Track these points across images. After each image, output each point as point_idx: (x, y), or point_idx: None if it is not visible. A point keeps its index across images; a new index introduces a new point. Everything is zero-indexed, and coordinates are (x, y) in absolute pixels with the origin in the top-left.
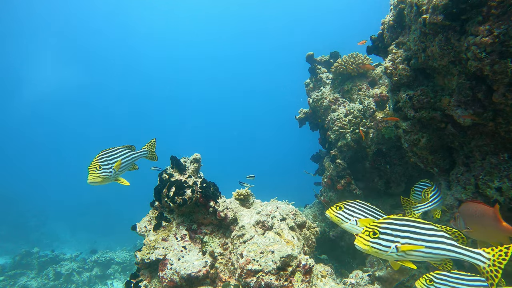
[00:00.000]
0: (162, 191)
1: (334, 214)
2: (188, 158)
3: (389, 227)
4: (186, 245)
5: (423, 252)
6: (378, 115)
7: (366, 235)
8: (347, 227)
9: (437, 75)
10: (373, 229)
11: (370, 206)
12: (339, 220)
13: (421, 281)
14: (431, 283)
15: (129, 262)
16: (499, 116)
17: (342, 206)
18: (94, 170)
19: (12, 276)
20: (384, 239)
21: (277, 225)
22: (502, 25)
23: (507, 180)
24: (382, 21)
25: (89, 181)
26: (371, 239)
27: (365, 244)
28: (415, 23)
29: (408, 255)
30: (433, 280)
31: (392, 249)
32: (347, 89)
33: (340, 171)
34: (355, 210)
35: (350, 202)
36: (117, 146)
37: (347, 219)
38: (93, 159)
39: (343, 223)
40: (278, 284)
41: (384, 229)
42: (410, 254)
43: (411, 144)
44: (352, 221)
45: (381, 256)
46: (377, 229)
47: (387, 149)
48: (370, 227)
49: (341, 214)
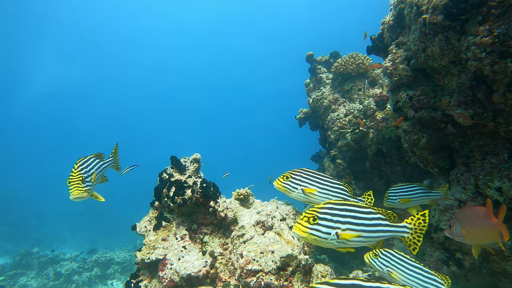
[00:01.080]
0: (162, 191)
1: (282, 185)
2: (188, 158)
3: (329, 212)
4: (186, 245)
5: (364, 237)
6: (378, 115)
7: (305, 221)
8: (295, 196)
9: (437, 75)
10: (312, 215)
11: (319, 174)
12: (286, 190)
13: (369, 255)
14: (376, 257)
15: (129, 262)
16: (499, 116)
17: (289, 175)
18: (79, 184)
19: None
20: (324, 225)
21: (277, 225)
22: (502, 25)
23: (507, 180)
24: (382, 21)
25: (73, 197)
26: (309, 225)
27: (303, 231)
28: (415, 23)
29: (350, 241)
30: (379, 255)
31: (333, 236)
32: (347, 89)
33: (340, 171)
34: (301, 179)
35: (296, 171)
36: (87, 156)
37: (294, 188)
38: (73, 170)
39: (291, 193)
40: (278, 284)
41: (323, 214)
42: (352, 241)
43: (411, 144)
44: (299, 190)
45: (321, 244)
46: (316, 214)
47: (387, 149)
48: (309, 212)
49: (288, 184)
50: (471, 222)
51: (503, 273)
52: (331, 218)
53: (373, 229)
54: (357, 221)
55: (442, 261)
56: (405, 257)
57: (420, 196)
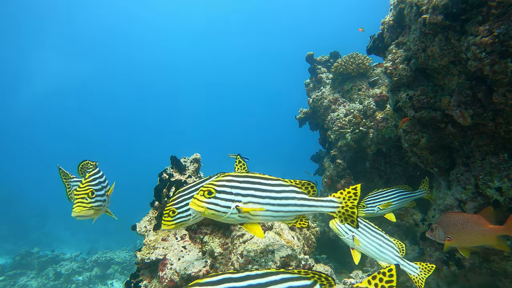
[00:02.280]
0: (162, 191)
1: (203, 206)
2: (188, 158)
3: (228, 185)
4: (186, 245)
5: (272, 211)
6: (378, 115)
7: (201, 195)
8: (228, 219)
9: (437, 75)
10: (208, 188)
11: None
12: (213, 214)
13: (334, 220)
14: (342, 222)
15: (129, 262)
16: (499, 116)
17: (212, 189)
18: (83, 199)
19: (12, 276)
20: (222, 199)
21: (277, 225)
22: (502, 25)
23: (507, 180)
24: (382, 21)
25: (75, 214)
26: (206, 199)
27: (199, 206)
28: (415, 23)
29: (254, 216)
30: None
31: (233, 210)
32: (347, 89)
33: (340, 171)
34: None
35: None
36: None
37: (225, 208)
38: (83, 180)
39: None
40: None
41: (221, 187)
42: (256, 215)
43: (411, 144)
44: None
45: (221, 219)
46: (213, 187)
47: (387, 149)
48: (206, 186)
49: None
50: (458, 229)
51: (503, 273)
52: (230, 191)
53: (283, 202)
54: (262, 194)
55: (442, 261)
56: (369, 224)
57: (400, 198)
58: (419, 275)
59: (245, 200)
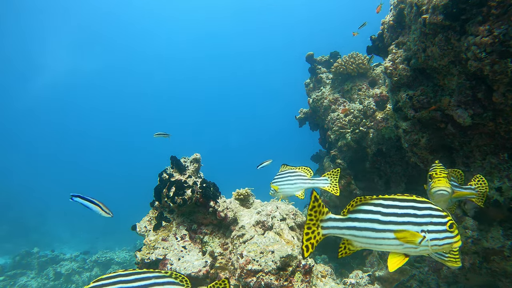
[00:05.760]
0: (162, 191)
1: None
2: (188, 158)
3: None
4: (186, 245)
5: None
6: (378, 115)
7: None
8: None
9: (437, 75)
10: None
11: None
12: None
13: None
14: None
15: (129, 262)
16: (499, 116)
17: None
18: None
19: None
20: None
21: (277, 225)
22: (502, 25)
23: (507, 180)
24: (382, 21)
25: None
26: None
27: None
28: (415, 23)
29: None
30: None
31: None
32: (347, 89)
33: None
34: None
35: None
36: None
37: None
38: None
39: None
40: (278, 284)
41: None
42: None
43: (411, 144)
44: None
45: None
46: None
47: (387, 149)
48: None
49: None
50: None
51: (503, 273)
52: None
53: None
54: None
55: None
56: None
57: None
58: (331, 184)
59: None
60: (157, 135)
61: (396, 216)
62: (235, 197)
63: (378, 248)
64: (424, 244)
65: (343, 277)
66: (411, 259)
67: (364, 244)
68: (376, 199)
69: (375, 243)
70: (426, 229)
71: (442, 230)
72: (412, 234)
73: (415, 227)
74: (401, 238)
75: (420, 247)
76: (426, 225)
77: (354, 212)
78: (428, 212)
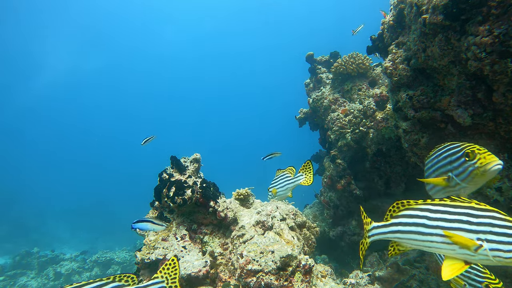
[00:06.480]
0: (162, 191)
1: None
2: (188, 158)
3: None
4: (186, 245)
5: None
6: (378, 115)
7: None
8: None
9: (437, 75)
10: None
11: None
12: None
13: None
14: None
15: (129, 262)
16: (499, 116)
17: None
18: None
19: (12, 276)
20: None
21: (277, 225)
22: (502, 25)
23: (507, 180)
24: (382, 21)
25: None
26: None
27: None
28: (415, 23)
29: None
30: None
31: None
32: (347, 89)
33: (340, 171)
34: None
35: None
36: None
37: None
38: None
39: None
40: (278, 284)
41: None
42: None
43: (411, 144)
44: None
45: None
46: None
47: (387, 149)
48: None
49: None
50: None
51: (503, 273)
52: None
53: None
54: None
55: None
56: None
57: None
58: (305, 177)
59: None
60: (145, 143)
61: (444, 221)
62: (235, 197)
63: (428, 249)
64: (482, 253)
65: (343, 277)
66: (411, 259)
67: (412, 245)
68: (423, 204)
69: (423, 245)
70: (484, 237)
71: (507, 242)
72: (463, 239)
73: (468, 234)
74: (452, 240)
75: (478, 256)
76: (484, 234)
77: (397, 217)
78: (488, 221)
